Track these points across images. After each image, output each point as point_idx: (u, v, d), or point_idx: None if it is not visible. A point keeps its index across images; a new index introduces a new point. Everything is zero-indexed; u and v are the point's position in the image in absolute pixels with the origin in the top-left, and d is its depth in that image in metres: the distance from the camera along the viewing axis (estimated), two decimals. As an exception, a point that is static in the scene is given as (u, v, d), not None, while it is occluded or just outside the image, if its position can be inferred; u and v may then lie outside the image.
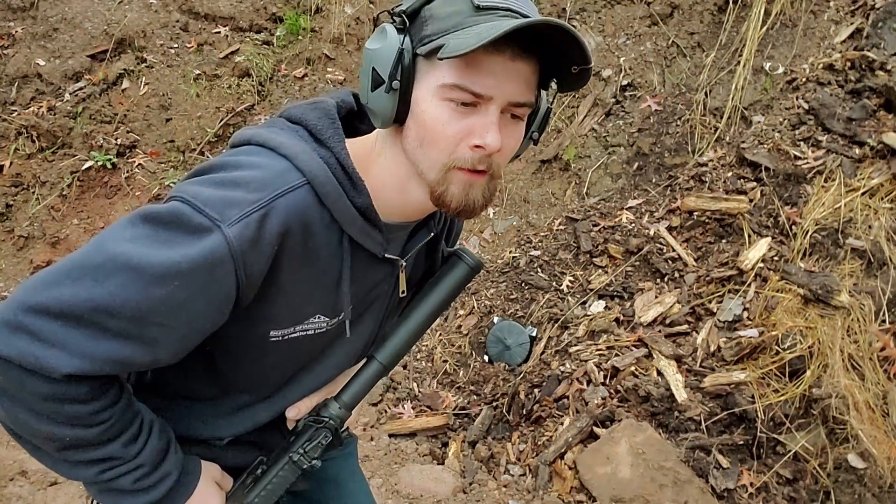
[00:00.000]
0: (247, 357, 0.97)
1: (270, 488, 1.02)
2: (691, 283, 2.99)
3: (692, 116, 3.60)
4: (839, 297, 2.63)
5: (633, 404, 2.70)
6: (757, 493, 2.48)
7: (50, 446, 0.87)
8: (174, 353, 0.87)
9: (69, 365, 0.78)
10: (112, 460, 0.89)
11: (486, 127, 0.83)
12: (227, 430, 1.05)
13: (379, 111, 0.86)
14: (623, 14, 4.05)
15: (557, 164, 3.93)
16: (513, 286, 3.48)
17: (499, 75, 0.81)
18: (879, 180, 2.91)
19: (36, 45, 4.49)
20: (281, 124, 0.93)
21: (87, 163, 4.22)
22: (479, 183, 0.86)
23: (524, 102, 0.85)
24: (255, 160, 0.87)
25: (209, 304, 0.83)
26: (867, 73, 3.21)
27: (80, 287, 0.77)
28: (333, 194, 0.87)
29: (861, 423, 2.45)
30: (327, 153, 0.89)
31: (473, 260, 1.06)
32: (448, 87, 0.82)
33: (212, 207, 0.80)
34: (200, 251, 0.79)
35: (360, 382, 1.04)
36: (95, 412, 0.85)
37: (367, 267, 0.97)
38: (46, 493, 2.43)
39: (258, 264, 0.83)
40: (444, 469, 2.71)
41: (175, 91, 4.45)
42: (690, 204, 3.15)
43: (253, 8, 4.73)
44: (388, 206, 0.93)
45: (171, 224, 0.80)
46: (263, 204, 0.82)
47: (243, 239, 0.80)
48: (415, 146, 0.86)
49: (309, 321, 0.95)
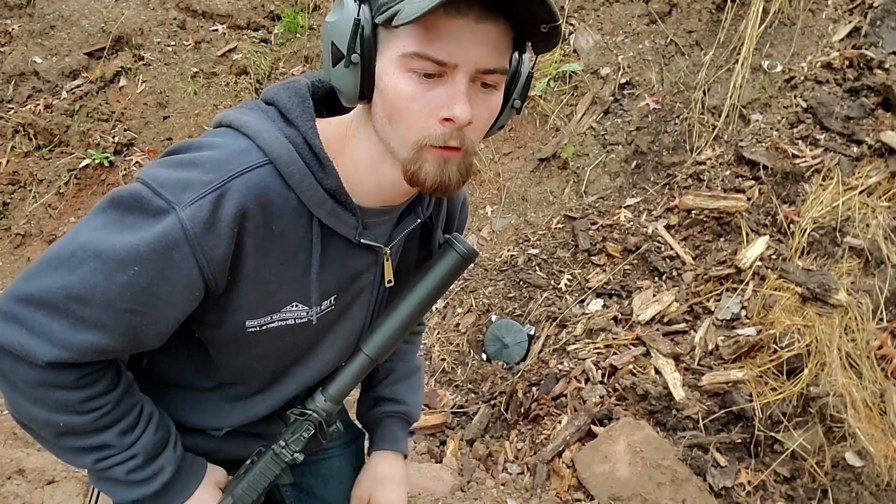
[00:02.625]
0: (230, 348, 0.95)
1: (253, 480, 1.01)
2: (689, 281, 2.99)
3: (690, 115, 3.60)
4: (837, 295, 2.64)
5: (631, 403, 2.71)
6: (755, 492, 2.49)
7: (47, 432, 0.89)
8: (154, 340, 0.86)
9: (50, 353, 0.80)
10: (107, 448, 0.90)
11: (454, 97, 0.77)
12: (224, 420, 1.04)
13: (342, 87, 0.81)
14: (621, 12, 4.05)
15: (556, 163, 3.92)
16: (511, 284, 3.48)
17: (463, 40, 0.75)
18: (877, 179, 2.91)
19: (33, 43, 4.47)
20: (253, 105, 0.90)
21: (85, 161, 4.22)
22: (453, 159, 0.81)
23: (494, 69, 0.78)
24: (218, 140, 0.85)
25: (173, 289, 0.81)
26: (865, 72, 3.21)
27: (56, 276, 0.79)
28: (298, 174, 0.83)
29: (858, 421, 2.46)
30: (294, 132, 0.85)
31: (465, 248, 1.00)
32: (409, 57, 0.76)
33: (168, 189, 0.79)
34: (155, 234, 0.78)
35: (346, 375, 1.02)
36: (85, 399, 0.86)
37: (344, 254, 0.93)
38: (44, 492, 2.42)
39: (219, 248, 0.80)
40: (443, 467, 2.71)
41: (172, 89, 4.44)
42: (688, 202, 3.15)
43: (251, 6, 4.72)
44: (363, 189, 0.89)
45: (134, 208, 0.79)
46: (218, 185, 0.79)
47: (197, 221, 0.78)
48: (383, 123, 0.81)
49: (284, 310, 0.91)
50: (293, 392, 1.04)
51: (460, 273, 1.02)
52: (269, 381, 1.02)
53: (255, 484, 1.01)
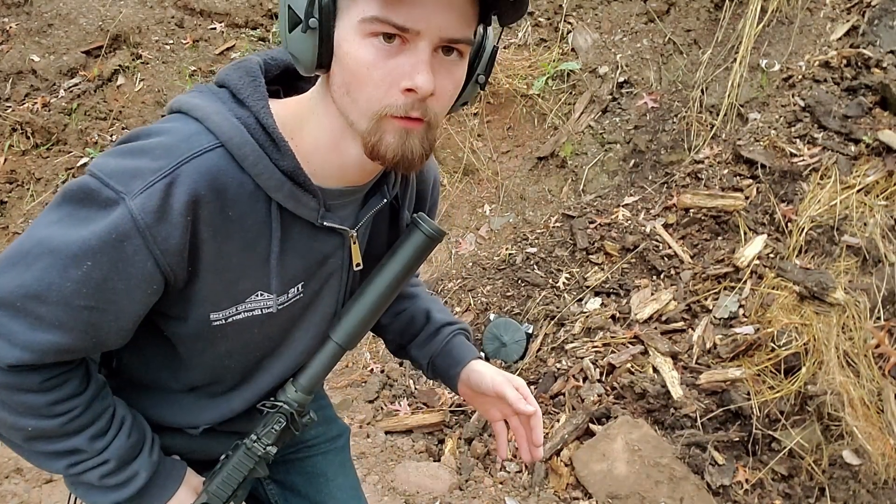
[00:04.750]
0: (197, 345, 0.91)
1: (227, 476, 0.98)
2: (687, 280, 2.99)
3: (688, 114, 3.61)
4: (834, 294, 2.64)
5: (629, 401, 2.71)
6: (752, 490, 2.49)
7: (16, 436, 0.86)
8: (116, 337, 0.84)
9: (10, 355, 0.78)
10: (78, 453, 0.88)
11: (416, 67, 0.73)
12: (200, 418, 1.01)
13: (299, 55, 0.77)
14: (620, 11, 4.05)
15: (554, 161, 3.92)
16: (509, 283, 3.48)
17: (427, 5, 0.71)
18: (875, 178, 2.91)
19: (30, 41, 4.46)
20: (205, 88, 0.86)
21: (83, 159, 4.21)
22: (416, 131, 0.77)
23: (460, 38, 0.75)
24: (167, 126, 0.81)
25: (129, 283, 0.78)
26: (863, 71, 3.21)
27: (14, 273, 0.77)
28: (252, 157, 0.79)
29: (856, 419, 2.46)
30: (246, 113, 0.81)
31: (431, 228, 0.95)
32: (369, 21, 0.72)
33: (116, 179, 0.76)
34: (105, 227, 0.75)
35: (317, 364, 0.99)
36: (52, 403, 0.84)
37: (307, 238, 0.89)
38: (42, 491, 2.42)
39: (172, 238, 0.76)
40: (441, 466, 2.72)
41: (171, 87, 4.43)
42: (686, 201, 3.15)
43: (248, 4, 4.71)
44: (324, 169, 0.85)
45: (84, 200, 0.77)
46: (167, 172, 0.75)
47: (147, 211, 0.74)
48: (342, 94, 0.77)
49: (249, 300, 0.88)
50: (269, 385, 1.01)
51: (427, 254, 0.99)
52: (242, 377, 0.99)
53: (230, 479, 0.98)
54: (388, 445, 2.87)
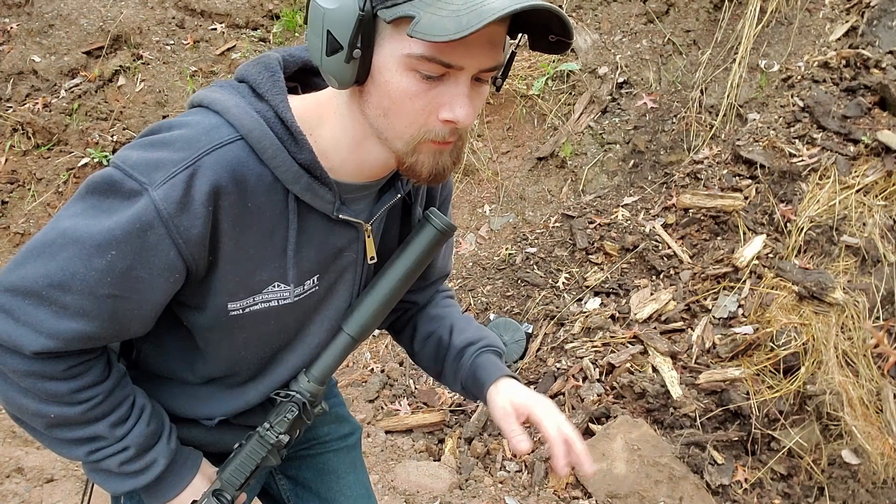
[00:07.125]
0: (215, 335, 0.93)
1: (240, 464, 1.00)
2: (686, 280, 3.00)
3: (688, 114, 3.61)
4: (833, 294, 2.65)
5: (629, 401, 2.72)
6: (751, 489, 2.50)
7: (38, 423, 0.89)
8: (139, 326, 0.86)
9: (36, 343, 0.80)
10: (99, 440, 0.90)
11: (457, 100, 0.77)
12: (216, 409, 1.03)
13: (337, 76, 0.79)
14: (619, 11, 4.06)
15: (554, 162, 3.93)
16: (509, 283, 3.48)
17: (471, 44, 0.73)
18: (874, 178, 2.92)
19: (31, 42, 4.47)
20: (225, 83, 0.89)
21: (83, 160, 4.21)
22: (447, 150, 0.82)
23: (496, 66, 0.79)
24: (188, 119, 0.83)
25: (152, 272, 0.80)
26: (862, 71, 3.22)
27: (38, 264, 0.79)
28: (271, 149, 0.82)
29: (855, 419, 2.47)
30: (265, 107, 0.83)
31: (442, 222, 0.98)
32: (416, 59, 0.74)
33: (139, 171, 0.78)
34: (129, 217, 0.77)
35: (329, 355, 1.01)
36: (75, 390, 0.86)
37: (323, 231, 0.91)
38: (43, 490, 2.43)
39: (195, 227, 0.79)
40: (441, 465, 2.72)
41: (171, 88, 4.44)
42: (686, 201, 3.16)
43: (249, 5, 4.72)
44: (343, 165, 0.88)
45: (108, 192, 0.79)
46: (189, 163, 0.78)
47: (170, 201, 0.77)
48: (377, 114, 0.80)
49: (266, 291, 0.90)
50: (284, 378, 1.03)
51: (439, 247, 1.01)
52: (257, 370, 1.01)
53: (243, 467, 1.00)
54: (389, 445, 2.87)
